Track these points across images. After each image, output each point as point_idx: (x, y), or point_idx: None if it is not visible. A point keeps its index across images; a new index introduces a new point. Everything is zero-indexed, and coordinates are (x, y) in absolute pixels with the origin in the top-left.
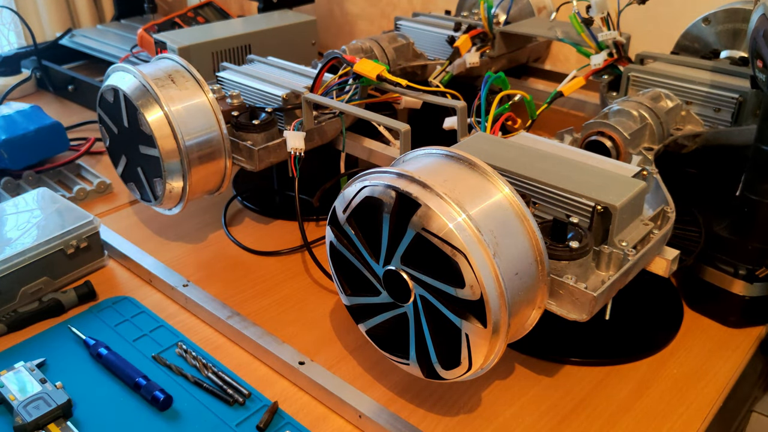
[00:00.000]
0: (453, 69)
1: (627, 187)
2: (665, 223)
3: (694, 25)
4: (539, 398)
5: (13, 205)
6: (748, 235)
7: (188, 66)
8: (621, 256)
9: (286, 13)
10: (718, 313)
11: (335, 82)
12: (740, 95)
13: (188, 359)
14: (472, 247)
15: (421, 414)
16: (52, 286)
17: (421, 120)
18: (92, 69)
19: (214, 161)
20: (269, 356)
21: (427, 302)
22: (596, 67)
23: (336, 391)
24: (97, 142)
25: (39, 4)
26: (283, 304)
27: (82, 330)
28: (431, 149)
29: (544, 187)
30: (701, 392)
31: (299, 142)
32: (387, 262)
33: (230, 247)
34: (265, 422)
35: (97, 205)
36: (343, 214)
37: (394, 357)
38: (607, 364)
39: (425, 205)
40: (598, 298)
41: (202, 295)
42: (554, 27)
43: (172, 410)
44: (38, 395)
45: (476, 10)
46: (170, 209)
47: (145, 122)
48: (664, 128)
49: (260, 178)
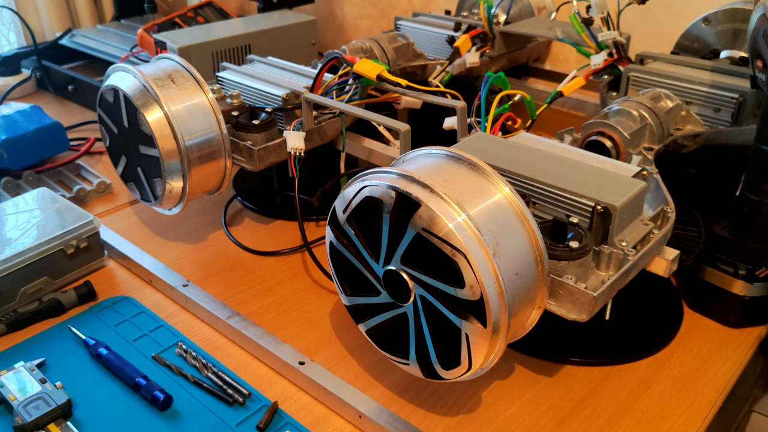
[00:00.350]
0: (453, 69)
1: (627, 187)
2: (665, 223)
3: (694, 25)
4: (539, 398)
5: (13, 205)
6: (748, 235)
7: (188, 66)
8: (621, 256)
9: (286, 13)
10: (718, 313)
11: (335, 82)
12: (740, 95)
13: (188, 359)
14: (472, 247)
15: (421, 414)
16: (52, 286)
17: (421, 120)
18: (92, 69)
19: (214, 161)
20: (269, 356)
21: (427, 302)
22: (596, 67)
23: (336, 391)
24: (97, 142)
25: (39, 4)
26: (283, 304)
27: (82, 330)
28: (431, 149)
29: (544, 187)
30: (701, 392)
31: (299, 142)
32: (387, 262)
33: (230, 247)
34: (265, 422)
35: (97, 205)
36: (343, 214)
37: (394, 357)
38: (607, 364)
39: (425, 205)
40: (598, 298)
41: (202, 295)
42: (554, 27)
43: (172, 410)
44: (38, 395)
45: (476, 10)
46: (170, 209)
47: (145, 122)
48: (664, 128)
49: (260, 178)
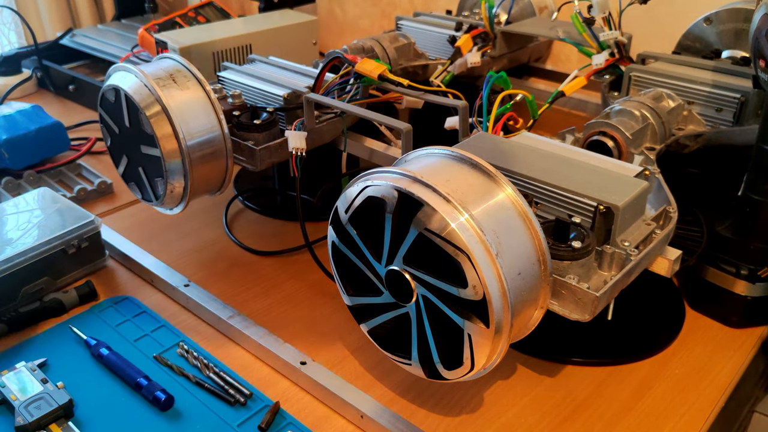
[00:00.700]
0: (454, 69)
1: (629, 187)
2: (667, 223)
3: (696, 24)
4: (541, 398)
5: (13, 205)
6: (750, 235)
7: (189, 66)
8: (623, 256)
9: (287, 13)
10: (720, 314)
11: (336, 81)
12: (742, 95)
13: (189, 359)
14: (474, 247)
15: (423, 414)
16: (53, 286)
17: (422, 120)
18: (93, 69)
19: (215, 161)
20: (271, 356)
21: (430, 302)
22: (598, 66)
23: (338, 391)
24: (98, 141)
25: (39, 4)
26: (284, 304)
27: (84, 330)
28: (433, 149)
29: (547, 187)
30: (703, 392)
31: (301, 141)
32: (389, 262)
33: (231, 247)
34: (267, 422)
35: (98, 205)
36: (345, 214)
37: (396, 357)
38: (609, 364)
39: (428, 204)
40: (601, 299)
41: (204, 295)
42: (556, 27)
43: (173, 410)
44: (39, 395)
45: (477, 10)
46: (171, 209)
47: (147, 122)
48: (665, 128)
49: (261, 178)
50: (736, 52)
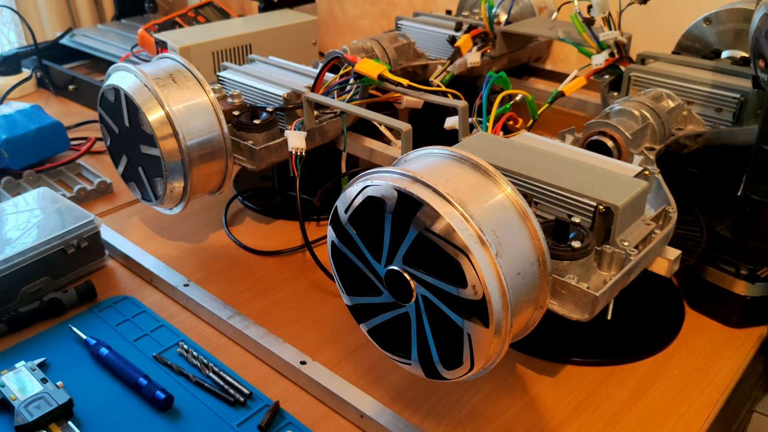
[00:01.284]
0: (454, 69)
1: (629, 186)
2: (667, 223)
3: (696, 25)
4: (541, 398)
5: (13, 205)
6: (749, 235)
7: (189, 65)
8: (623, 256)
9: (286, 13)
10: (720, 314)
11: (336, 81)
12: (742, 95)
13: (189, 359)
14: (474, 247)
15: (423, 414)
16: (53, 286)
17: (422, 120)
18: (93, 68)
19: (215, 161)
20: (270, 356)
21: (429, 302)
22: (597, 66)
23: (337, 390)
24: (97, 141)
25: (39, 4)
26: (284, 303)
27: (83, 330)
28: (433, 149)
29: (546, 187)
30: (703, 392)
31: (300, 141)
32: (389, 261)
33: (231, 246)
34: (267, 422)
35: (97, 205)
36: (345, 214)
37: (395, 357)
38: (609, 364)
39: (427, 204)
40: (600, 298)
41: (203, 295)
42: (555, 27)
43: (173, 410)
44: (39, 395)
45: (477, 10)
46: (171, 209)
47: (146, 122)
48: (665, 128)
49: (261, 178)
50: (735, 52)
